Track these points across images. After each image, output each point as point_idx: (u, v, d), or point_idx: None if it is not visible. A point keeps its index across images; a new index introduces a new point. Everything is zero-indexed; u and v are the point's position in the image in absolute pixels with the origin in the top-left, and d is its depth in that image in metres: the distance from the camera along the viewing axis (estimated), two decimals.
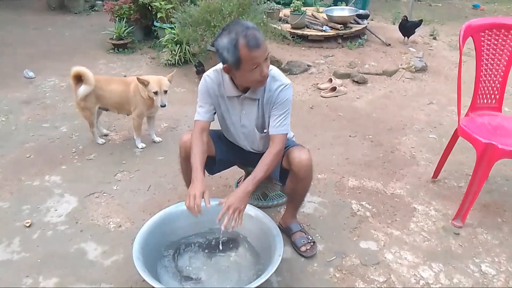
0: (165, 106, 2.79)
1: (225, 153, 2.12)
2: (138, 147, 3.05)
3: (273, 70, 1.87)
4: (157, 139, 3.15)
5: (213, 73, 1.93)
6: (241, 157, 2.18)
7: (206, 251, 2.00)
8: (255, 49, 1.66)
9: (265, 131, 1.97)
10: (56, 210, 2.40)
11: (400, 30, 5.22)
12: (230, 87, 1.88)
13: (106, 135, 3.24)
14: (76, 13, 7.18)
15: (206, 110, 1.95)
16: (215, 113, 2.00)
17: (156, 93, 2.76)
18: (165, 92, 2.79)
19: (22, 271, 1.97)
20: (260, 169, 1.80)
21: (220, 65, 1.86)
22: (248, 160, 2.16)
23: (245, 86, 1.86)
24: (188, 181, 2.18)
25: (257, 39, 1.66)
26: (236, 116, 1.98)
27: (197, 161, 1.85)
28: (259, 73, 1.73)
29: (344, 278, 1.94)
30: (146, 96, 2.83)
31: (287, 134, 1.90)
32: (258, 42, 1.66)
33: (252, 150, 2.11)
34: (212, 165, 2.11)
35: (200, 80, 4.52)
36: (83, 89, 2.83)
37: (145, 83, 2.76)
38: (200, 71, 4.31)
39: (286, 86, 1.86)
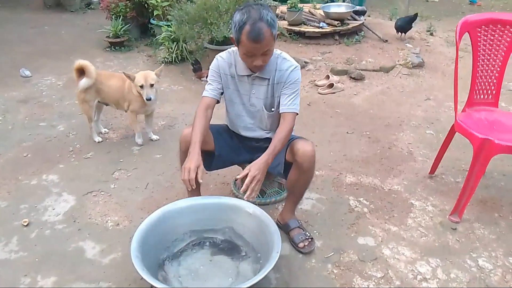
0: (150, 99, 2.78)
1: (224, 149, 2.13)
2: (137, 143, 3.06)
3: (283, 52, 1.98)
4: (155, 137, 3.15)
5: (226, 54, 2.01)
6: (241, 151, 2.19)
7: (205, 248, 2.00)
8: (253, 42, 1.74)
9: (273, 109, 2.03)
10: (54, 209, 2.40)
11: (396, 28, 5.22)
12: (241, 66, 1.95)
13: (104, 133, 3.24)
14: (72, 11, 7.17)
15: (214, 88, 2.01)
16: (222, 93, 2.04)
17: (142, 86, 2.76)
18: (151, 85, 2.78)
19: (20, 270, 1.97)
20: (277, 142, 1.85)
21: (233, 48, 1.94)
22: (248, 154, 2.17)
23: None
24: None
25: (260, 34, 1.72)
26: (245, 96, 2.03)
27: (197, 136, 1.88)
28: (251, 61, 1.83)
29: (342, 274, 1.95)
30: (136, 92, 2.84)
31: (297, 114, 1.96)
32: (259, 38, 1.73)
33: (255, 136, 2.13)
34: (210, 161, 2.11)
35: (196, 78, 4.53)
36: (83, 82, 2.87)
37: (131, 78, 2.78)
38: (197, 69, 4.30)
39: (296, 67, 1.95)
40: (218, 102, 2.04)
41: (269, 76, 1.95)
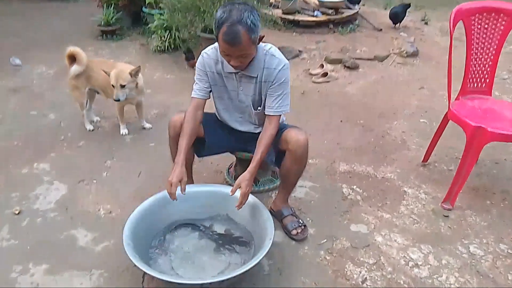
0: (118, 100, 2.72)
1: (215, 136, 2.11)
2: (122, 134, 3.02)
3: (272, 48, 1.90)
4: (147, 125, 3.12)
5: (211, 50, 1.95)
6: (231, 140, 2.17)
7: (197, 236, 2.00)
8: (227, 44, 1.69)
9: (259, 108, 1.99)
10: (45, 198, 2.38)
11: (391, 18, 5.21)
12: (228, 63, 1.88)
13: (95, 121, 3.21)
14: None
15: (201, 87, 1.97)
16: (210, 91, 2.01)
17: (113, 86, 2.69)
18: (122, 86, 2.68)
19: (11, 258, 1.96)
20: (264, 148, 1.87)
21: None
22: (239, 143, 2.16)
23: None
24: None
25: (236, 38, 1.65)
26: (233, 92, 1.99)
27: (183, 143, 1.88)
28: (227, 60, 1.79)
29: (334, 261, 1.96)
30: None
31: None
32: (234, 41, 1.66)
33: (244, 130, 2.12)
34: (201, 147, 2.10)
35: (189, 66, 4.49)
36: (74, 68, 2.85)
37: (107, 74, 2.70)
38: (190, 57, 4.27)
39: (284, 65, 1.87)
40: (208, 98, 2.01)
41: (256, 74, 1.88)
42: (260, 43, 1.83)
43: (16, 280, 1.85)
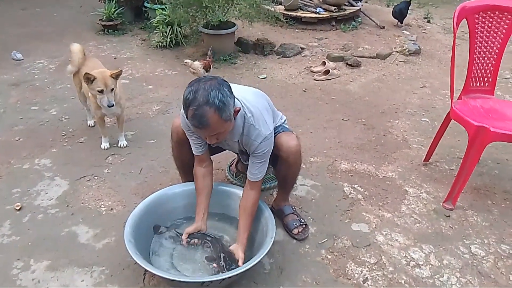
0: (113, 106, 2.48)
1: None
2: (102, 148, 2.81)
3: (253, 116, 1.78)
4: (123, 143, 2.85)
5: None
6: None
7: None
8: (196, 128, 1.65)
9: (247, 161, 1.94)
10: (46, 194, 2.37)
11: (394, 16, 5.20)
12: None
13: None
14: None
15: (198, 144, 1.93)
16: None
17: (101, 91, 2.43)
18: (112, 90, 2.47)
19: (12, 254, 1.96)
20: (249, 222, 1.85)
21: None
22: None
23: None
24: (180, 165, 2.18)
25: (203, 121, 1.58)
26: (220, 143, 1.94)
27: (199, 201, 1.93)
28: (203, 137, 1.79)
29: (335, 260, 1.96)
30: (92, 94, 2.54)
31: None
32: (201, 125, 1.60)
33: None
34: None
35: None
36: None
37: (90, 79, 2.40)
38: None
39: (264, 139, 1.78)
40: (207, 147, 1.98)
41: (237, 139, 1.84)
42: (241, 108, 1.75)
43: (18, 276, 1.85)
